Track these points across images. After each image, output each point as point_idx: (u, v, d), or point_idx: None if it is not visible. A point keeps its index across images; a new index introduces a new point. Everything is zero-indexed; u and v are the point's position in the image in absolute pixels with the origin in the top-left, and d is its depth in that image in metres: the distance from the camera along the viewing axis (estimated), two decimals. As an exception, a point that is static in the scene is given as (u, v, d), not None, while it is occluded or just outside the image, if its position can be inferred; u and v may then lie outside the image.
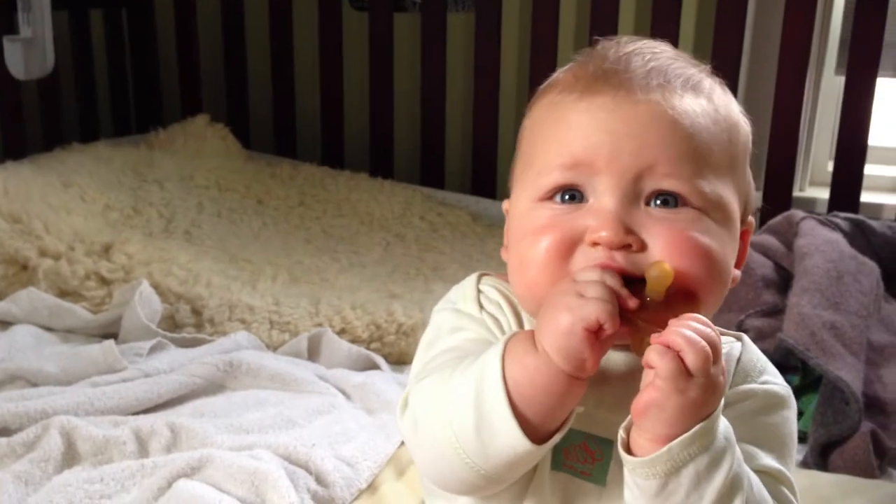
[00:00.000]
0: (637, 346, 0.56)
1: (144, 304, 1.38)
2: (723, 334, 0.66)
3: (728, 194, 0.62)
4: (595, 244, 0.58)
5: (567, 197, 0.60)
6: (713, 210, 0.60)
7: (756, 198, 0.67)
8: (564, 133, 0.61)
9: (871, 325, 1.32)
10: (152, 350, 1.30)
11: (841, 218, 1.57)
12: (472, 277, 0.67)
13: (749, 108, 2.20)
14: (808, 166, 2.07)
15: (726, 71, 1.95)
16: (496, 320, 0.64)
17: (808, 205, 1.96)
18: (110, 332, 1.38)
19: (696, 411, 0.53)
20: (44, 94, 2.14)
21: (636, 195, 0.59)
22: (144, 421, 1.09)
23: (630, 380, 0.61)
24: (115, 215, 1.73)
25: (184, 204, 1.86)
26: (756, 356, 0.66)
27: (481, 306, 0.65)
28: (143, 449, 1.05)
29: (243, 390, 1.22)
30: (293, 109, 2.35)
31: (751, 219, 0.66)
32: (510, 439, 0.55)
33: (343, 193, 2.04)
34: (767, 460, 0.61)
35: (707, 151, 0.60)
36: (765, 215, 1.88)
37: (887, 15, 1.81)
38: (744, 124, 0.66)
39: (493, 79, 2.11)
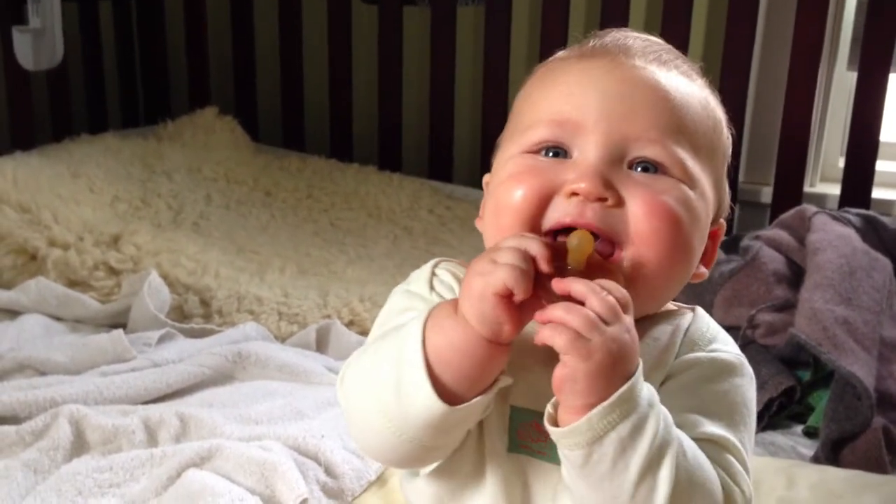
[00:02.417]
0: None
1: (153, 294, 1.38)
2: (678, 306, 0.67)
3: (705, 180, 0.62)
4: (573, 194, 0.58)
5: (552, 153, 0.61)
6: (691, 184, 0.61)
7: (727, 207, 0.67)
8: (555, 93, 0.62)
9: (883, 321, 1.31)
10: (161, 340, 1.30)
11: (852, 214, 1.56)
12: (431, 262, 0.68)
13: (760, 103, 2.19)
14: (820, 162, 2.05)
15: (738, 66, 1.94)
16: (444, 299, 0.63)
17: (819, 201, 1.95)
18: (119, 322, 1.38)
19: (609, 375, 0.53)
20: (53, 85, 2.14)
21: (620, 157, 0.60)
22: (153, 410, 1.09)
23: None
24: (124, 206, 1.73)
25: (192, 196, 1.85)
26: (706, 325, 0.65)
27: (432, 287, 0.65)
28: (152, 438, 1.05)
29: (252, 381, 1.22)
30: (302, 102, 2.34)
31: (722, 221, 0.67)
32: (425, 400, 0.55)
33: (351, 186, 2.04)
34: (712, 428, 0.59)
35: (693, 130, 0.62)
36: (775, 212, 1.88)
37: (900, 10, 1.80)
38: (726, 130, 0.67)
39: (503, 72, 2.10)
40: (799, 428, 1.23)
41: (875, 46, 1.82)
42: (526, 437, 0.61)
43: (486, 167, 2.30)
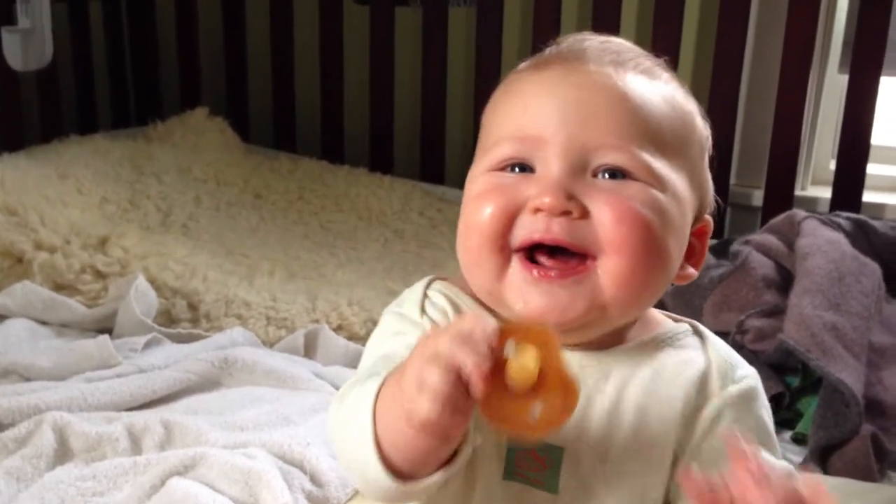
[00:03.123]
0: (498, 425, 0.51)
1: (140, 298, 1.37)
2: (677, 320, 0.66)
3: (678, 180, 0.61)
4: (537, 210, 0.57)
5: (517, 170, 0.60)
6: (660, 186, 0.59)
7: (712, 201, 0.66)
8: (515, 109, 0.61)
9: (872, 327, 1.31)
10: (147, 345, 1.30)
11: (843, 218, 1.56)
12: (424, 280, 0.66)
13: (752, 106, 2.19)
14: (811, 165, 2.05)
15: (729, 69, 1.95)
16: (435, 325, 0.62)
17: (810, 204, 1.95)
18: (105, 327, 1.37)
19: None
20: (42, 86, 2.13)
21: (582, 167, 0.59)
22: (138, 417, 1.08)
23: (580, 381, 0.60)
24: (112, 208, 1.72)
25: (181, 197, 1.85)
26: (724, 350, 0.65)
27: (423, 310, 0.63)
28: (136, 446, 1.04)
29: (238, 387, 1.21)
30: (293, 103, 2.33)
31: (707, 217, 0.65)
32: (378, 476, 0.53)
33: (342, 188, 2.03)
34: (777, 462, 0.60)
35: (657, 129, 0.60)
36: (766, 215, 1.88)
37: (891, 13, 1.80)
38: (700, 124, 0.65)
39: (495, 73, 2.09)
40: (788, 434, 1.23)
41: (866, 49, 1.82)
42: (522, 465, 0.60)
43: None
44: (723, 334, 1.31)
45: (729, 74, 1.90)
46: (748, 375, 0.63)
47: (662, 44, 1.90)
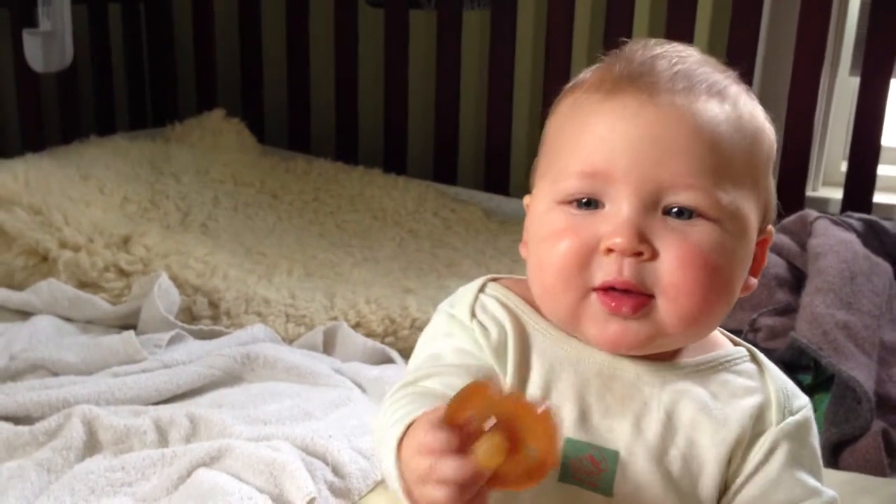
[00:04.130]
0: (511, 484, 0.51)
1: (163, 296, 1.40)
2: (735, 343, 0.67)
3: (746, 205, 0.61)
4: (609, 251, 0.59)
5: (585, 202, 0.60)
6: (729, 222, 0.60)
7: (775, 209, 0.66)
8: (585, 139, 0.61)
9: (883, 325, 1.32)
10: (171, 341, 1.32)
11: (854, 218, 1.57)
12: (479, 281, 0.67)
13: (763, 106, 2.20)
14: (822, 166, 2.07)
15: (741, 71, 1.95)
16: (484, 329, 0.63)
17: (822, 205, 1.97)
18: (129, 324, 1.40)
19: None
20: (62, 87, 2.16)
21: (653, 204, 0.59)
22: (164, 411, 1.11)
23: (636, 387, 0.62)
24: (133, 208, 1.75)
25: (200, 198, 1.87)
26: (778, 381, 0.65)
27: (473, 314, 0.64)
28: (163, 438, 1.07)
29: (260, 382, 1.24)
30: (308, 104, 2.36)
31: (770, 228, 0.66)
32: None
33: (357, 189, 2.06)
34: (822, 497, 0.63)
35: (728, 161, 0.60)
36: (778, 215, 1.88)
37: (903, 16, 1.81)
38: (768, 132, 0.65)
39: (508, 76, 2.12)
40: (799, 431, 1.25)
41: (877, 52, 1.83)
42: (579, 469, 0.61)
43: (490, 170, 2.31)
44: (736, 332, 1.34)
45: (741, 76, 1.91)
46: (804, 406, 0.65)
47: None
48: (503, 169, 2.15)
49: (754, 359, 0.67)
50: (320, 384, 1.23)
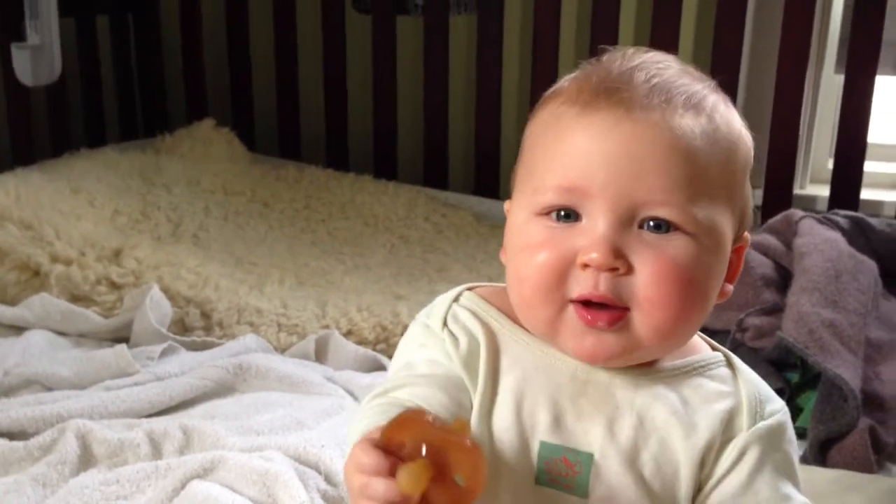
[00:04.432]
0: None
1: (155, 308, 1.40)
2: (714, 348, 0.68)
3: (721, 218, 0.62)
4: (585, 266, 0.60)
5: (562, 215, 0.61)
6: (705, 236, 0.61)
7: (751, 216, 0.67)
8: (563, 153, 0.62)
9: (869, 323, 1.34)
10: (163, 354, 1.33)
11: (840, 216, 1.59)
12: (454, 291, 0.69)
13: (749, 107, 2.21)
14: (809, 164, 2.08)
15: (726, 70, 1.97)
16: (454, 339, 0.65)
17: (809, 202, 1.98)
18: (122, 336, 1.41)
19: None
20: (52, 100, 2.17)
21: (629, 219, 0.60)
22: (157, 423, 1.11)
23: (609, 391, 0.63)
24: (124, 220, 1.76)
25: (191, 208, 1.88)
26: (751, 386, 0.66)
27: (445, 324, 0.66)
28: (156, 451, 1.07)
29: (253, 392, 1.25)
30: (297, 112, 2.37)
31: (746, 235, 0.67)
32: None
33: (347, 196, 2.07)
34: (796, 498, 0.64)
35: (703, 175, 0.61)
36: (765, 214, 1.91)
37: (886, 13, 1.83)
38: (745, 141, 0.65)
39: (496, 80, 2.13)
40: (788, 429, 1.26)
41: (861, 49, 1.85)
42: (554, 472, 0.62)
43: (480, 174, 2.32)
44: (723, 332, 1.36)
45: (727, 76, 1.92)
46: (778, 411, 0.65)
47: (660, 47, 1.93)
48: (493, 172, 2.16)
49: (729, 363, 0.68)
50: (312, 393, 1.24)
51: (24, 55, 2.02)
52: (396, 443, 0.54)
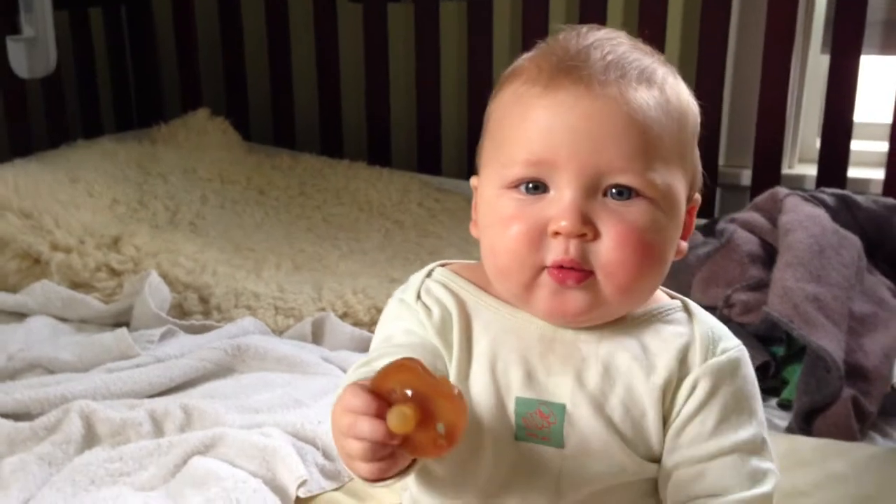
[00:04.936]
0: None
1: (154, 293, 1.43)
2: (672, 296, 0.72)
3: (676, 182, 0.67)
4: (556, 234, 0.64)
5: (531, 187, 0.66)
6: (662, 199, 0.66)
7: (701, 178, 0.72)
8: (528, 129, 0.66)
9: (853, 297, 1.37)
10: (163, 337, 1.36)
11: (827, 193, 1.61)
12: (427, 268, 0.73)
13: (737, 88, 2.23)
14: (797, 144, 2.11)
15: (714, 52, 1.99)
16: (428, 310, 0.69)
17: (798, 181, 2.01)
18: (122, 321, 1.44)
19: None
20: (47, 92, 2.19)
21: (594, 188, 0.64)
22: (159, 403, 1.14)
23: (574, 345, 0.68)
24: (122, 209, 1.78)
25: (188, 196, 1.91)
26: (706, 324, 0.70)
27: (419, 297, 0.70)
28: (158, 429, 1.10)
29: (251, 373, 1.27)
30: (291, 100, 2.39)
31: (697, 196, 0.71)
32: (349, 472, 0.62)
33: (342, 182, 2.09)
34: (737, 435, 0.67)
35: (658, 143, 0.65)
36: (754, 193, 1.93)
37: (870, -6, 1.85)
38: (693, 110, 0.70)
39: (487, 65, 2.15)
40: (774, 401, 1.29)
41: (847, 30, 1.87)
42: (530, 425, 0.66)
43: (473, 159, 2.33)
44: (711, 308, 1.37)
45: (714, 58, 1.96)
46: (731, 348, 0.69)
47: (649, 28, 1.95)
48: (485, 157, 2.18)
49: (686, 308, 0.72)
50: (309, 373, 1.27)
51: (19, 48, 2.05)
52: (387, 389, 0.57)
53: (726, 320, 1.38)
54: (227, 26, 2.40)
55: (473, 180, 0.73)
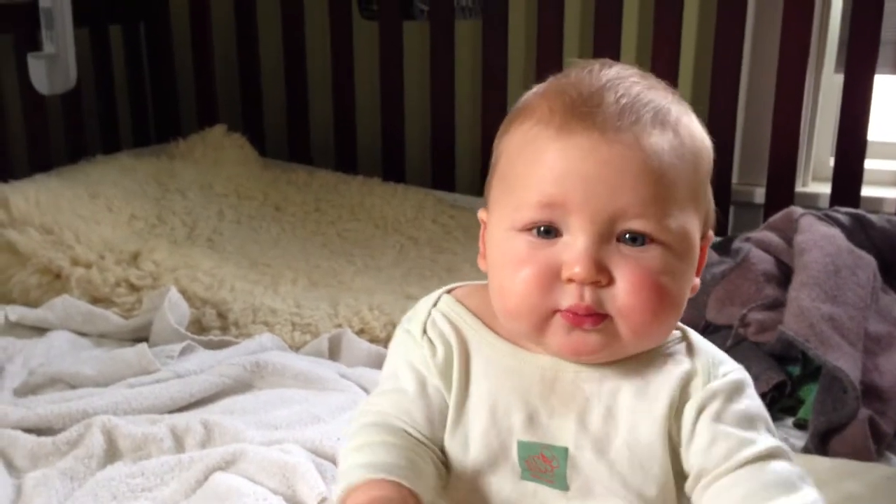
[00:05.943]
0: None
1: (173, 308, 1.44)
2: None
3: (690, 225, 0.67)
4: (570, 280, 0.64)
5: (543, 230, 0.65)
6: (677, 243, 0.66)
7: (713, 215, 0.72)
8: (541, 172, 0.65)
9: (868, 316, 1.37)
10: (182, 352, 1.37)
11: (841, 213, 1.61)
12: (434, 295, 0.73)
13: (751, 106, 2.24)
14: (811, 162, 2.11)
15: (728, 72, 2.00)
16: (433, 347, 0.70)
17: (811, 200, 2.01)
18: (141, 336, 1.45)
19: None
20: (67, 108, 2.22)
21: (608, 234, 0.64)
22: (179, 419, 1.15)
23: (576, 385, 0.67)
24: (141, 224, 1.80)
25: (205, 212, 1.93)
26: (706, 352, 0.71)
27: (424, 331, 0.71)
28: (179, 445, 1.11)
29: (270, 389, 1.28)
30: (307, 117, 2.41)
31: (710, 233, 0.71)
32: None
33: (357, 198, 2.10)
34: (756, 446, 0.66)
35: (672, 188, 0.65)
36: (768, 212, 1.94)
37: (883, 14, 1.86)
38: (706, 149, 0.70)
39: (501, 84, 2.17)
40: (790, 420, 1.29)
41: (860, 49, 1.88)
42: (534, 468, 0.67)
43: (486, 177, 2.34)
44: (726, 328, 1.39)
45: (728, 77, 1.97)
46: (732, 371, 0.69)
47: (663, 48, 1.98)
48: (499, 174, 2.19)
49: (685, 337, 0.72)
50: (327, 389, 1.28)
51: (39, 65, 2.07)
52: None
53: (742, 339, 1.39)
54: (244, 43, 2.43)
55: (482, 213, 0.73)
